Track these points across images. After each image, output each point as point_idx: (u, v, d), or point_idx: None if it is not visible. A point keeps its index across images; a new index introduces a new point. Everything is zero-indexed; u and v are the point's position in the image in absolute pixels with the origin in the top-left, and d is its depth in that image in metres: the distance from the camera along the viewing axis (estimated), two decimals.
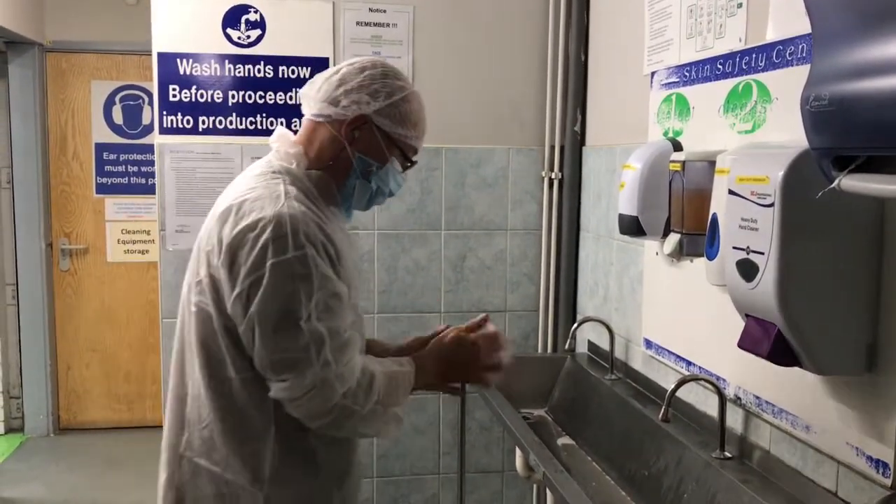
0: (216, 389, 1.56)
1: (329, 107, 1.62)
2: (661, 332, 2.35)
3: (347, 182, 1.66)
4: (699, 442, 2.05)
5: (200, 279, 1.56)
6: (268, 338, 1.48)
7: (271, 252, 1.46)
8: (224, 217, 1.52)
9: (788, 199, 1.41)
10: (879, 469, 1.46)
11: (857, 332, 1.46)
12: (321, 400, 1.48)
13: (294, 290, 1.46)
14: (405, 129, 1.65)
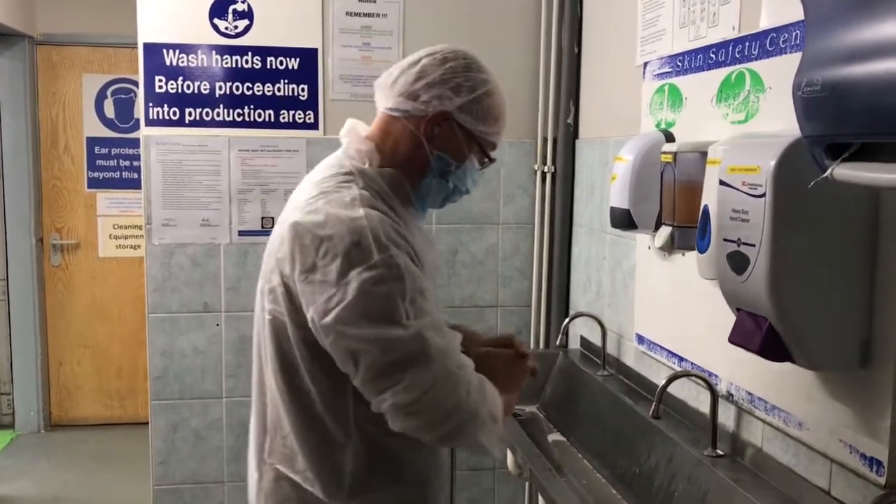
0: (294, 400, 1.48)
1: (407, 101, 1.51)
2: (653, 328, 2.31)
3: (424, 181, 1.55)
4: (691, 439, 2.01)
5: (273, 287, 1.47)
6: (370, 349, 1.36)
7: (355, 259, 1.37)
8: (298, 225, 1.43)
9: (780, 190, 1.37)
10: (873, 467, 1.42)
11: (850, 327, 1.42)
12: (443, 396, 1.36)
13: (388, 293, 1.37)
14: (487, 126, 1.55)
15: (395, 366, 1.36)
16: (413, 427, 1.39)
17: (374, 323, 1.36)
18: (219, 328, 2.92)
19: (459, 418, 1.38)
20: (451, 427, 1.39)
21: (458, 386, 1.38)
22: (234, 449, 2.97)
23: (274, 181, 2.91)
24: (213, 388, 2.94)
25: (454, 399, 1.37)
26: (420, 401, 1.35)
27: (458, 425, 1.39)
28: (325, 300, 1.37)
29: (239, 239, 2.91)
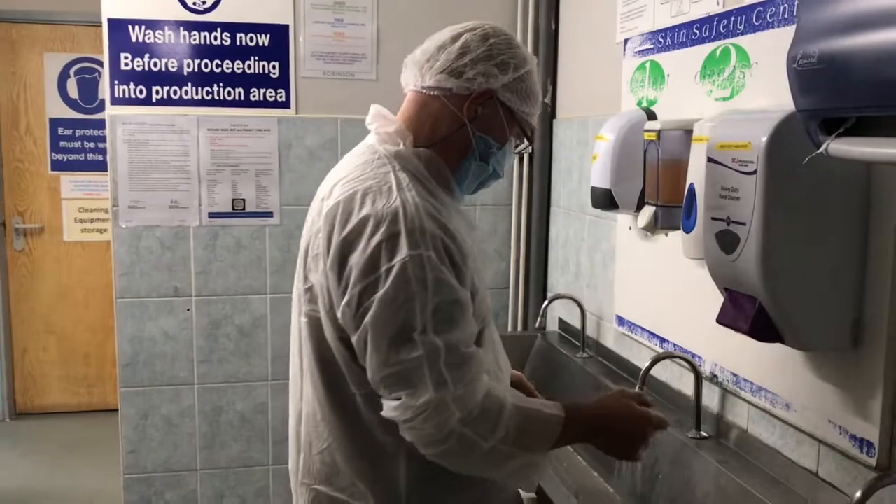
0: (338, 407, 1.40)
1: (450, 79, 1.41)
2: (633, 309, 2.28)
3: (464, 163, 1.47)
4: (674, 421, 1.98)
5: (311, 285, 1.39)
6: (380, 350, 1.29)
7: (385, 254, 1.29)
8: (332, 216, 1.35)
9: (772, 166, 1.34)
10: (863, 448, 1.40)
11: (841, 306, 1.39)
12: (435, 424, 1.27)
13: (409, 297, 1.28)
14: (528, 106, 1.47)
15: (393, 380, 1.29)
16: (409, 439, 1.32)
17: (386, 329, 1.29)
18: (189, 313, 2.85)
19: (450, 445, 1.29)
20: (442, 451, 1.30)
21: (449, 417, 1.28)
22: (207, 436, 2.91)
23: (245, 162, 2.83)
24: (184, 374, 2.87)
25: (447, 427, 1.28)
26: (411, 421, 1.28)
27: (448, 452, 1.30)
28: (349, 296, 1.30)
29: (209, 221, 2.83)
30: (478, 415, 1.30)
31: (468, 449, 1.30)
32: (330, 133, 2.88)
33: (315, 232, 1.39)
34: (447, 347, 1.29)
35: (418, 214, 1.31)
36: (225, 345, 2.89)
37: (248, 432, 2.94)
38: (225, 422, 2.92)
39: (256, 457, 2.96)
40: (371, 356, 1.30)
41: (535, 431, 1.36)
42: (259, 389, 2.93)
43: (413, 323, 1.28)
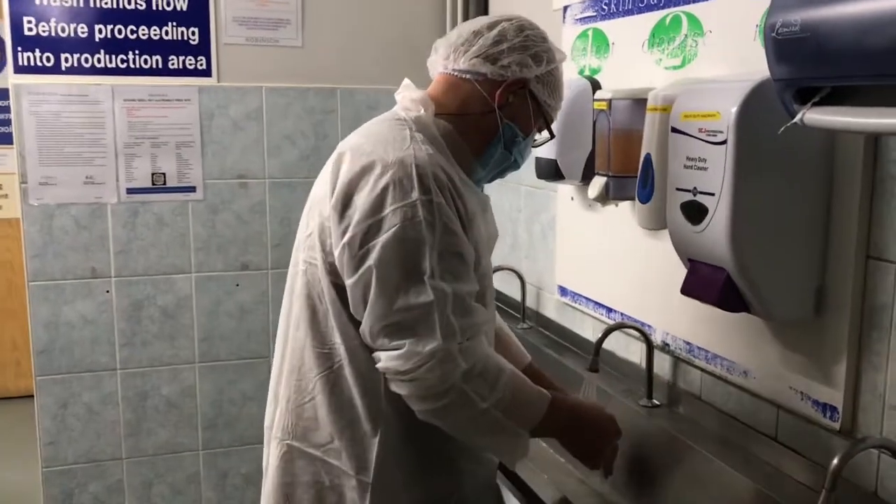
0: (324, 359, 1.37)
1: (485, 64, 1.43)
2: (577, 279, 2.28)
3: (489, 149, 1.48)
4: (624, 390, 2.00)
5: (311, 232, 1.39)
6: (386, 294, 1.27)
7: (393, 194, 1.28)
8: (339, 161, 1.36)
9: (742, 136, 1.33)
10: (827, 413, 1.42)
11: (805, 274, 1.41)
12: (440, 375, 1.26)
13: (418, 240, 1.27)
14: (554, 100, 1.52)
15: (397, 327, 1.27)
16: (403, 392, 1.30)
17: (393, 271, 1.27)
18: (109, 295, 2.69)
19: (449, 400, 1.28)
20: (438, 407, 1.29)
21: (454, 369, 1.27)
22: (131, 423, 2.77)
23: (164, 134, 2.67)
24: (105, 359, 2.71)
25: (451, 380, 1.27)
26: (413, 371, 1.26)
27: (445, 409, 1.29)
28: (351, 234, 1.29)
29: (128, 197, 2.67)
30: (480, 371, 1.30)
31: (464, 407, 1.30)
32: (254, 103, 2.75)
33: (323, 179, 1.39)
34: (455, 295, 1.29)
35: (430, 163, 1.32)
36: (148, 327, 2.74)
37: (175, 417, 2.82)
38: (150, 407, 2.78)
39: (185, 442, 2.84)
40: (375, 300, 1.28)
41: (524, 404, 1.37)
42: (185, 373, 2.81)
43: (423, 266, 1.27)
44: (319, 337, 1.39)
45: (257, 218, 2.80)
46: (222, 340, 2.83)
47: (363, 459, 1.38)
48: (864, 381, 1.37)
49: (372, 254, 1.27)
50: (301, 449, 1.42)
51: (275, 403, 1.49)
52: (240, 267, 2.81)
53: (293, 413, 1.43)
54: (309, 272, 1.39)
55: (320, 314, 1.38)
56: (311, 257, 1.38)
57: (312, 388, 1.40)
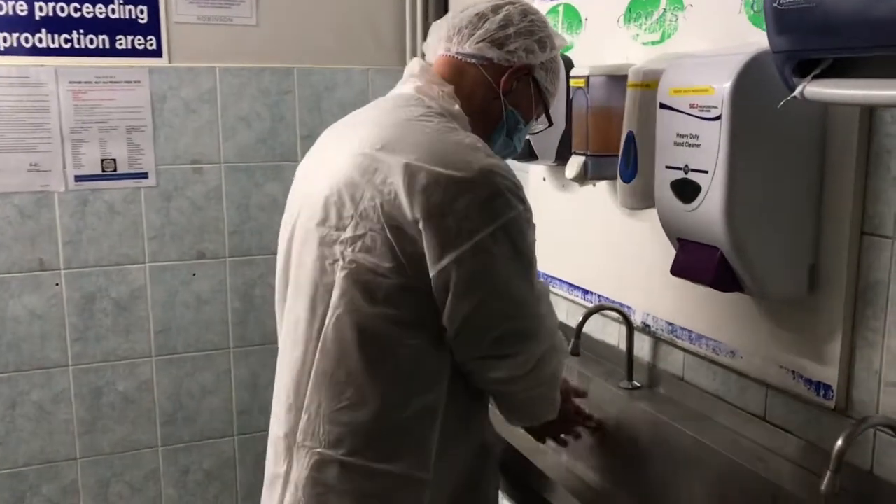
0: (376, 363, 1.30)
1: (491, 48, 1.40)
2: (550, 262, 2.24)
3: (493, 136, 1.46)
4: (603, 372, 1.97)
5: (363, 234, 1.27)
6: (501, 308, 1.29)
7: (496, 209, 1.25)
8: (410, 167, 1.24)
9: (738, 111, 1.29)
10: (820, 392, 1.41)
11: (799, 251, 1.39)
12: (552, 365, 1.37)
13: (529, 253, 1.30)
14: (555, 87, 1.51)
15: (515, 336, 1.31)
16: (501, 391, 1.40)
17: (511, 284, 1.28)
18: (59, 288, 2.56)
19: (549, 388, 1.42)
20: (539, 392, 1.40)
21: (562, 355, 1.41)
22: (85, 421, 2.65)
23: (114, 118, 2.54)
24: (56, 355, 2.59)
25: (552, 368, 1.38)
26: (524, 376, 1.34)
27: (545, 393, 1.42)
28: (462, 248, 1.24)
29: (76, 185, 2.53)
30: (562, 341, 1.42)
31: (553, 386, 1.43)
32: (207, 84, 2.63)
33: (369, 179, 1.28)
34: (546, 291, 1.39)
35: (512, 173, 1.30)
36: (101, 321, 2.62)
37: (132, 413, 2.70)
38: (106, 404, 2.67)
39: (144, 439, 2.73)
40: (487, 316, 1.28)
41: None
42: (142, 367, 2.69)
43: (532, 275, 1.31)
44: (370, 341, 1.30)
45: (213, 204, 2.69)
46: (179, 332, 2.72)
47: (420, 456, 1.33)
48: (859, 357, 1.35)
49: (486, 269, 1.26)
50: (335, 458, 1.32)
51: (295, 410, 1.37)
52: (196, 256, 2.70)
53: (327, 419, 1.32)
54: (361, 272, 1.28)
55: (371, 315, 1.28)
56: (368, 261, 1.27)
57: (354, 392, 1.30)
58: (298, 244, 1.40)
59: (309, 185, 1.42)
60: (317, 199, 1.36)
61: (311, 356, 1.34)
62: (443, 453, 1.35)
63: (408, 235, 1.25)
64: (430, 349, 1.31)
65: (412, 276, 1.26)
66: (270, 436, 1.46)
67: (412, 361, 1.31)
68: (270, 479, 1.44)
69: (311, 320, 1.34)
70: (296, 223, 1.42)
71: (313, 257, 1.35)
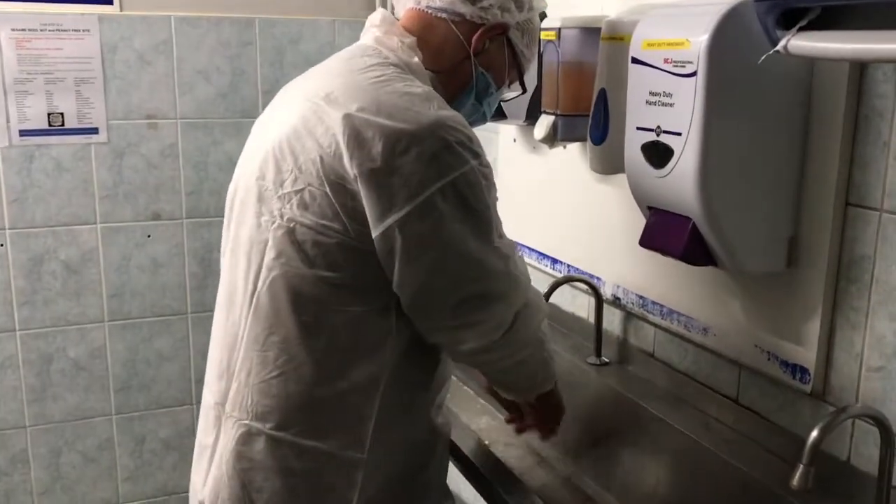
0: (311, 328, 1.19)
1: (465, 3, 1.30)
2: (519, 228, 2.11)
3: (461, 98, 1.35)
4: (571, 346, 1.87)
5: (301, 189, 1.17)
6: (457, 270, 1.17)
7: (447, 163, 1.13)
8: (352, 118, 1.14)
9: (715, 67, 1.17)
10: (796, 375, 1.31)
11: (778, 223, 1.28)
12: (531, 326, 1.26)
13: (485, 206, 1.18)
14: (529, 51, 1.40)
15: (480, 299, 1.19)
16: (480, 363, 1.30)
17: (469, 242, 1.16)
18: (3, 249, 2.42)
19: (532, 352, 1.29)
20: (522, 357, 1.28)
21: (539, 313, 1.28)
22: (35, 388, 2.53)
23: (60, 69, 2.38)
24: (1, 320, 2.45)
25: (531, 330, 1.27)
26: (500, 342, 1.23)
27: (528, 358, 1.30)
28: (407, 208, 1.12)
29: (21, 140, 2.38)
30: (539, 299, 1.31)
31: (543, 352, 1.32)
32: (162, 34, 2.47)
33: (310, 129, 1.18)
34: (514, 246, 1.25)
35: (466, 123, 1.18)
36: (50, 284, 2.49)
37: (84, 381, 2.58)
38: (56, 371, 2.54)
39: (97, 407, 2.61)
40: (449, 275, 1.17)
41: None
42: (94, 332, 2.57)
43: (492, 232, 1.19)
44: (305, 305, 1.19)
45: (169, 162, 2.55)
46: (134, 297, 2.59)
47: (356, 434, 1.23)
48: (840, 339, 1.25)
49: (436, 229, 1.14)
50: (263, 431, 1.22)
51: (226, 377, 1.27)
52: (151, 216, 2.56)
53: (256, 389, 1.22)
54: (298, 231, 1.17)
55: (308, 278, 1.18)
56: (307, 218, 1.17)
57: (286, 361, 1.20)
58: (239, 202, 1.30)
59: (256, 140, 1.33)
60: (259, 153, 1.27)
61: (244, 321, 1.25)
62: (383, 431, 1.25)
63: (349, 191, 1.14)
64: (372, 316, 1.21)
65: (354, 237, 1.15)
66: (202, 403, 1.37)
67: (351, 329, 1.20)
68: (199, 451, 1.36)
69: (245, 282, 1.25)
70: (239, 180, 1.32)
71: (251, 214, 1.25)
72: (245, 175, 1.30)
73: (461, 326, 1.20)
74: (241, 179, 1.32)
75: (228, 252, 1.32)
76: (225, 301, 1.31)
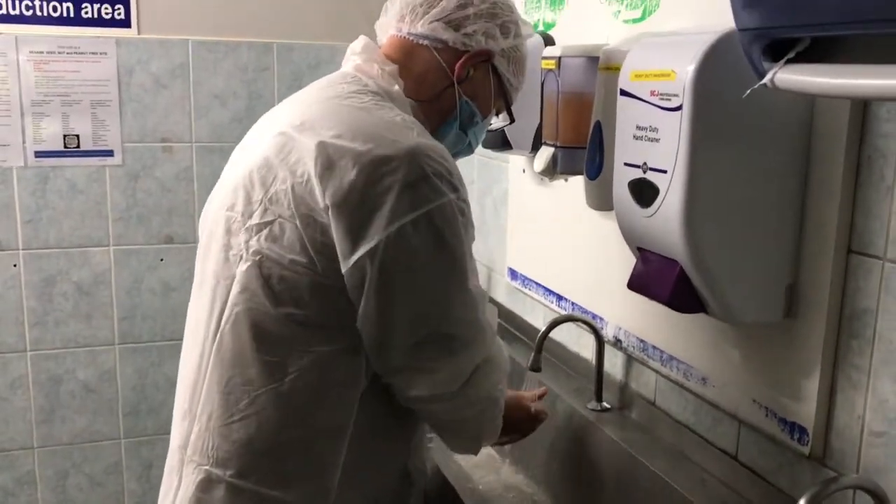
0: (274, 370, 1.13)
1: (447, 29, 1.25)
2: (527, 262, 2.04)
3: (443, 128, 1.31)
4: (574, 390, 1.77)
5: (270, 221, 1.12)
6: (421, 310, 1.12)
7: (423, 195, 1.08)
8: (326, 146, 1.09)
9: (701, 101, 1.08)
10: (794, 434, 1.20)
11: (775, 269, 1.17)
12: (488, 382, 1.20)
13: (460, 243, 1.13)
14: (517, 79, 1.36)
15: (439, 344, 1.14)
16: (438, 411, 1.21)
17: (437, 277, 1.12)
18: (17, 269, 2.43)
19: (482, 409, 1.23)
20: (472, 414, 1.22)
21: (502, 369, 1.24)
22: (44, 409, 2.53)
23: (77, 91, 2.40)
24: (12, 340, 2.46)
25: (486, 389, 1.21)
26: (452, 396, 1.17)
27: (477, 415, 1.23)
28: (377, 237, 1.07)
29: (36, 161, 2.40)
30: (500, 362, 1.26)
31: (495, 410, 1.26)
32: (179, 57, 2.47)
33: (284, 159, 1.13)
34: (483, 293, 1.20)
35: (449, 156, 1.14)
36: (61, 305, 2.49)
37: (93, 403, 2.57)
38: (65, 392, 2.54)
39: (105, 430, 2.60)
40: (411, 314, 1.12)
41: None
42: (104, 355, 2.56)
43: (467, 273, 1.14)
44: (270, 345, 1.13)
45: (183, 186, 2.54)
46: (145, 320, 2.58)
47: (321, 483, 1.16)
48: (841, 399, 1.14)
49: (405, 263, 1.09)
50: (225, 478, 1.16)
51: (189, 419, 1.21)
52: (164, 239, 2.55)
53: (217, 433, 1.16)
54: (265, 265, 1.12)
55: (273, 316, 1.12)
56: (274, 251, 1.11)
57: (248, 404, 1.14)
58: (207, 234, 1.26)
59: (230, 168, 1.28)
60: (230, 183, 1.22)
61: (207, 360, 1.19)
62: (351, 478, 1.18)
63: (318, 224, 1.09)
64: (340, 357, 1.14)
65: (321, 273, 1.10)
66: (170, 445, 1.31)
67: (318, 371, 1.13)
68: (163, 495, 1.29)
69: (209, 319, 1.20)
70: (209, 211, 1.28)
71: (217, 247, 1.20)
72: (215, 206, 1.25)
73: (415, 370, 1.14)
74: (210, 210, 1.27)
75: (196, 286, 1.27)
76: (189, 339, 1.26)
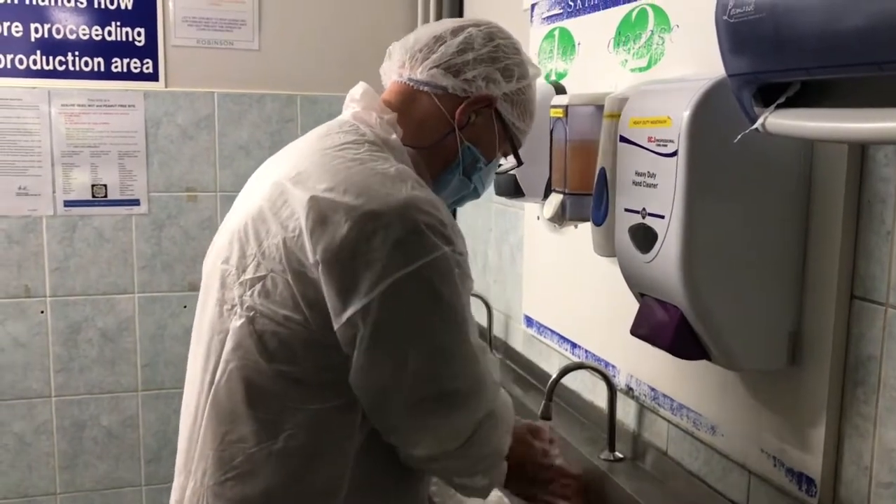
0: (271, 427, 1.12)
1: (446, 76, 1.24)
2: (542, 310, 2.03)
3: (445, 175, 1.29)
4: (586, 438, 1.75)
5: (263, 276, 1.11)
6: (418, 367, 1.09)
7: (414, 249, 1.07)
8: (318, 200, 1.08)
9: (696, 146, 1.08)
10: (802, 485, 1.17)
11: (778, 316, 1.15)
12: (495, 436, 1.19)
13: (457, 296, 1.10)
14: (524, 122, 1.33)
15: (438, 402, 1.11)
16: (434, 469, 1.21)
17: (434, 333, 1.10)
18: (44, 316, 2.48)
19: (491, 464, 1.22)
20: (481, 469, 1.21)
21: (506, 426, 1.22)
22: (67, 455, 2.55)
23: (106, 142, 2.47)
24: (38, 385, 2.50)
25: (492, 445, 1.20)
26: (454, 453, 1.15)
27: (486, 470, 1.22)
28: (370, 295, 1.05)
29: (65, 211, 2.46)
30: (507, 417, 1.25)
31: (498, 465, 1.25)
32: (205, 109, 2.54)
33: (276, 212, 1.13)
34: (485, 348, 1.18)
35: (443, 207, 1.12)
36: (86, 351, 2.53)
37: (115, 449, 2.59)
38: (88, 438, 2.56)
39: (127, 477, 2.61)
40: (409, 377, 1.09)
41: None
42: (127, 401, 2.58)
43: (465, 326, 1.12)
44: (263, 400, 1.12)
45: (207, 234, 2.58)
46: (167, 367, 2.61)
47: None
48: (848, 449, 1.11)
49: (400, 320, 1.07)
50: None
51: (185, 474, 1.21)
52: (187, 287, 2.58)
53: (210, 492, 1.15)
54: (258, 322, 1.11)
55: (267, 373, 1.11)
56: (267, 307, 1.11)
57: (243, 462, 1.13)
58: (204, 287, 1.26)
59: (230, 215, 1.28)
60: (228, 232, 1.22)
61: (202, 414, 1.18)
62: None
63: (310, 280, 1.08)
64: (334, 414, 1.13)
65: (315, 329, 1.09)
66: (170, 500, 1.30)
67: (312, 429, 1.12)
68: None
69: (204, 374, 1.19)
70: (207, 260, 1.29)
71: (213, 300, 1.20)
72: (213, 256, 1.26)
73: (417, 428, 1.12)
74: (209, 259, 1.28)
75: (194, 336, 1.27)
76: (188, 390, 1.26)
